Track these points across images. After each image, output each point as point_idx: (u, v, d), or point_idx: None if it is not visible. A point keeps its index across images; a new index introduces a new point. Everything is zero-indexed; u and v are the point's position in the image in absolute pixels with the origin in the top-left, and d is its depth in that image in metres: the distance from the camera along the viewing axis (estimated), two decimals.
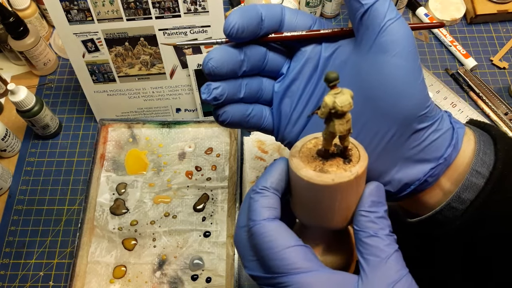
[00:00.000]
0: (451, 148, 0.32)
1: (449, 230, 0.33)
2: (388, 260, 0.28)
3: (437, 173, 0.33)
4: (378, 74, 0.31)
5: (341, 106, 0.27)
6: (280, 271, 0.29)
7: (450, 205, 0.33)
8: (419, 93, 0.31)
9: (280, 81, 0.37)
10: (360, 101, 0.32)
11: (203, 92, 0.34)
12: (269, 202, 0.31)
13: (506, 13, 0.81)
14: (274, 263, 0.29)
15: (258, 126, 0.38)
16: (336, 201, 0.30)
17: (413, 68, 0.31)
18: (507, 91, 0.75)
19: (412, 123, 0.31)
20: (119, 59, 0.65)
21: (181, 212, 0.62)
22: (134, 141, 0.68)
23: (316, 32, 0.34)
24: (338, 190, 0.29)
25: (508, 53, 0.79)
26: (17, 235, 0.65)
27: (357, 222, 0.30)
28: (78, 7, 0.59)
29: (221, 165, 0.66)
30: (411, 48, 0.30)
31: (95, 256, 0.59)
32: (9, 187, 0.69)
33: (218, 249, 0.60)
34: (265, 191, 0.31)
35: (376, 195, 0.31)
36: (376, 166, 0.33)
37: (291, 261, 0.29)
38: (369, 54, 0.31)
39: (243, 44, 0.34)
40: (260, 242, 0.30)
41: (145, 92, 0.69)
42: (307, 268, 0.28)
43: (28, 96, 0.64)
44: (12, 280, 0.62)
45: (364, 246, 0.29)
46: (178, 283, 0.58)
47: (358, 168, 0.29)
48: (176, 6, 0.59)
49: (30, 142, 0.72)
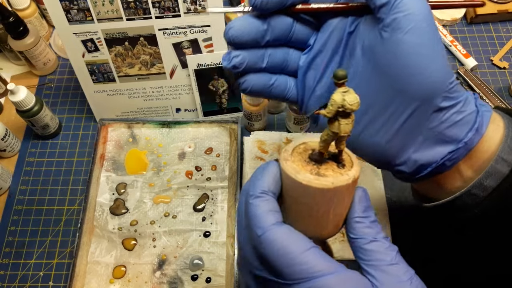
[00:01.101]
0: (473, 132, 0.31)
1: (467, 217, 0.32)
2: (394, 262, 0.28)
3: (456, 157, 0.32)
4: (393, 52, 0.30)
5: (351, 104, 0.26)
6: (300, 277, 0.27)
7: (470, 191, 0.32)
8: (437, 71, 0.30)
9: (307, 53, 0.36)
10: (377, 80, 0.31)
11: (224, 59, 0.34)
12: (272, 206, 0.29)
13: (506, 13, 0.81)
14: (292, 269, 0.27)
15: (282, 96, 0.37)
16: (332, 206, 0.29)
17: (430, 45, 0.30)
18: (507, 91, 0.75)
19: (432, 102, 0.30)
20: (119, 59, 0.64)
21: (181, 212, 0.62)
22: (134, 141, 0.68)
23: (343, 5, 0.33)
24: (336, 195, 0.29)
25: (508, 53, 0.79)
26: (17, 235, 0.65)
27: (353, 229, 0.29)
28: (78, 7, 0.59)
29: (221, 165, 0.65)
30: (426, 24, 0.29)
31: (95, 256, 0.59)
32: (9, 187, 0.69)
33: (218, 249, 0.60)
34: (265, 195, 0.29)
35: (364, 200, 0.30)
36: (393, 145, 0.32)
37: (312, 264, 0.27)
38: (384, 31, 0.30)
39: (268, 14, 0.34)
40: (273, 250, 0.27)
41: (145, 92, 0.69)
42: (329, 270, 0.27)
43: (28, 96, 0.64)
44: (12, 280, 0.61)
45: (366, 253, 0.28)
46: (178, 283, 0.58)
47: (354, 172, 0.29)
48: (176, 6, 0.59)
49: (30, 142, 0.72)
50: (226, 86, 0.68)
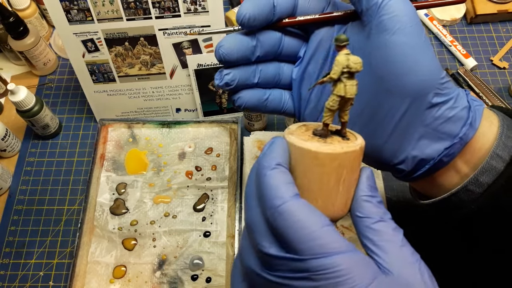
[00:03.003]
0: (467, 127, 0.32)
1: (464, 213, 0.32)
2: (402, 244, 0.27)
3: (452, 152, 0.32)
4: (381, 53, 0.31)
5: (355, 63, 0.27)
6: (314, 253, 0.26)
7: (467, 187, 0.32)
8: (427, 68, 0.30)
9: (298, 65, 0.37)
10: (370, 81, 0.32)
11: (216, 78, 0.35)
12: (289, 178, 0.28)
13: (506, 13, 0.81)
14: (307, 244, 0.26)
15: (278, 110, 0.38)
16: (342, 176, 0.28)
17: (417, 44, 0.30)
18: (507, 91, 0.75)
19: (424, 99, 0.31)
20: (119, 59, 0.65)
21: (181, 212, 0.62)
22: (134, 141, 0.68)
23: (328, 15, 0.34)
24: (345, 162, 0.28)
25: (508, 53, 0.79)
26: (17, 235, 0.65)
27: (361, 208, 0.28)
28: (78, 7, 0.59)
29: (221, 165, 0.66)
30: (412, 24, 0.30)
31: (95, 256, 0.59)
32: (9, 187, 0.69)
33: (218, 249, 0.60)
34: (281, 167, 0.28)
35: (372, 180, 0.30)
36: (390, 145, 0.33)
37: (327, 240, 0.26)
38: (372, 34, 0.31)
39: (257, 30, 0.34)
40: (290, 222, 0.26)
41: (145, 92, 0.69)
42: (342, 248, 0.26)
43: (28, 96, 0.64)
44: (12, 280, 0.62)
45: (374, 233, 0.27)
46: (178, 283, 0.58)
47: (360, 141, 0.29)
48: (176, 6, 0.59)
49: (30, 142, 0.72)
50: None
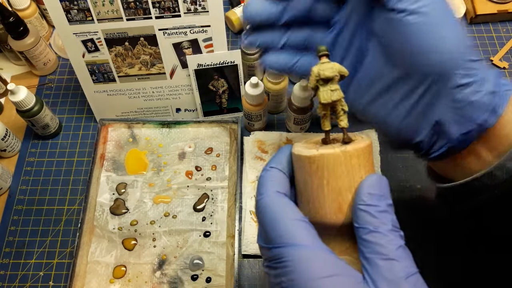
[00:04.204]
0: (487, 113, 0.30)
1: (481, 200, 0.32)
2: (392, 257, 0.26)
3: (470, 138, 0.31)
4: (400, 32, 0.30)
5: (323, 70, 0.28)
6: (279, 242, 0.27)
7: (492, 173, 0.31)
8: (448, 49, 0.29)
9: (330, 32, 0.36)
10: (389, 59, 0.32)
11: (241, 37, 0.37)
12: (277, 177, 0.31)
13: (506, 13, 0.81)
14: (274, 233, 0.28)
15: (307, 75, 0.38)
16: (323, 178, 0.29)
17: (439, 22, 0.29)
18: None
19: (445, 81, 0.30)
20: (119, 59, 0.65)
21: (181, 212, 0.62)
22: (134, 141, 0.68)
23: None
24: (324, 165, 0.29)
25: (508, 53, 0.79)
26: (17, 235, 0.65)
27: (357, 218, 0.28)
28: (78, 7, 0.59)
29: (221, 165, 0.66)
30: (434, 3, 0.29)
31: (95, 256, 0.59)
32: (9, 187, 0.69)
33: (218, 249, 0.60)
34: (274, 169, 0.31)
35: (376, 188, 0.28)
36: (406, 125, 0.33)
37: (292, 234, 0.27)
38: (390, 12, 0.30)
39: None
40: (265, 213, 0.29)
41: (145, 92, 0.69)
42: (306, 243, 0.27)
43: (28, 96, 0.64)
44: (12, 280, 0.62)
45: (365, 244, 0.27)
46: (178, 283, 0.58)
47: (348, 146, 0.29)
48: (176, 6, 0.59)
49: (30, 142, 0.72)
50: (226, 86, 0.68)
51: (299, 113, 0.65)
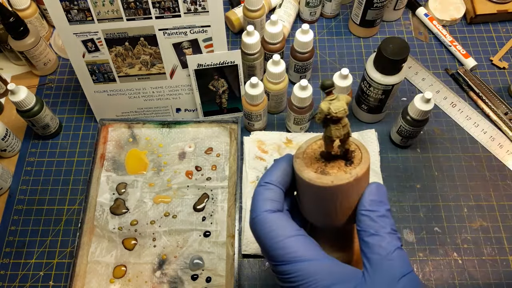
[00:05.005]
0: None
1: None
2: (389, 258, 0.29)
3: None
4: None
5: (335, 112, 0.28)
6: (281, 260, 0.30)
7: None
8: None
9: None
10: None
11: None
12: (271, 195, 0.32)
13: (506, 13, 0.81)
14: (275, 252, 0.30)
15: None
16: (337, 202, 0.31)
17: None
18: (507, 91, 0.75)
19: None
20: (119, 59, 0.65)
21: (181, 212, 0.62)
22: (134, 141, 0.68)
23: None
24: (338, 192, 0.30)
25: (508, 53, 0.79)
26: (17, 235, 0.65)
27: (359, 222, 0.31)
28: (78, 7, 0.59)
29: (221, 165, 0.66)
30: None
31: (95, 256, 0.59)
32: (9, 187, 0.69)
33: (218, 249, 0.60)
34: (268, 185, 0.32)
35: (376, 195, 0.31)
36: None
37: (292, 250, 0.30)
38: None
39: None
40: (262, 233, 0.31)
41: (145, 92, 0.69)
42: (308, 257, 0.29)
43: (28, 96, 0.64)
44: (12, 280, 0.62)
45: (366, 245, 0.30)
46: (178, 283, 0.58)
47: (358, 170, 0.30)
48: (176, 6, 0.59)
49: (30, 142, 0.72)
50: (226, 86, 0.68)
51: (299, 113, 0.65)
